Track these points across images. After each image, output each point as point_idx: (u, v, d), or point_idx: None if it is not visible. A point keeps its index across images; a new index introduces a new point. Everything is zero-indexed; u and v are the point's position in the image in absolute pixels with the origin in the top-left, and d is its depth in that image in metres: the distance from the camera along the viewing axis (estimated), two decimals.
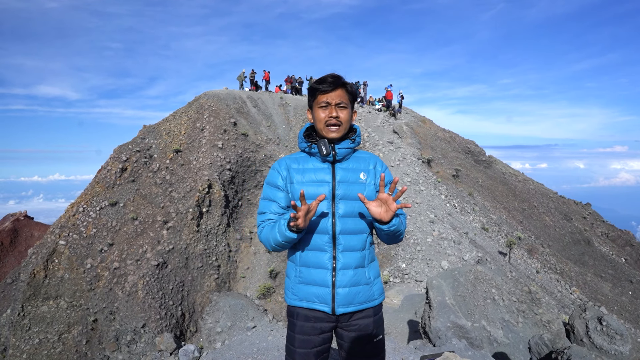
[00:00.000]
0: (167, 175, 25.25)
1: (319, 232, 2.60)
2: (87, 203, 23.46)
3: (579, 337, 7.34)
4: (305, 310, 2.66)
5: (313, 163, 2.69)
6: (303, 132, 2.77)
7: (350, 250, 2.62)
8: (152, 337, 18.40)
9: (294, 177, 2.67)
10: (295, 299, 2.70)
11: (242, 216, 25.99)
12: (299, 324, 2.68)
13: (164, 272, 20.89)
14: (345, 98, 2.61)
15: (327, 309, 2.61)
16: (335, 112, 2.58)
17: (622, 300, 26.56)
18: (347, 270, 2.61)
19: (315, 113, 2.65)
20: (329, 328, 2.68)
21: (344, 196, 2.61)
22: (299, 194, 2.48)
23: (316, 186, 2.62)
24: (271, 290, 22.36)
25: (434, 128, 38.35)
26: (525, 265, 23.88)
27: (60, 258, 21.11)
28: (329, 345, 2.76)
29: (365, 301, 2.67)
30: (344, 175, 2.64)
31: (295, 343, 2.68)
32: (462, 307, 7.80)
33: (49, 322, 19.19)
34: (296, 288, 2.69)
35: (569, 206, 37.49)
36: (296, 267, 2.70)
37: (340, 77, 2.63)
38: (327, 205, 2.60)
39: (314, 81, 2.68)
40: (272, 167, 2.78)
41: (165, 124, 28.97)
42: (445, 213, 22.10)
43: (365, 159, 2.74)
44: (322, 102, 2.60)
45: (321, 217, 2.60)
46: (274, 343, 8.01)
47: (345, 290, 2.60)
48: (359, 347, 2.70)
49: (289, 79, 37.24)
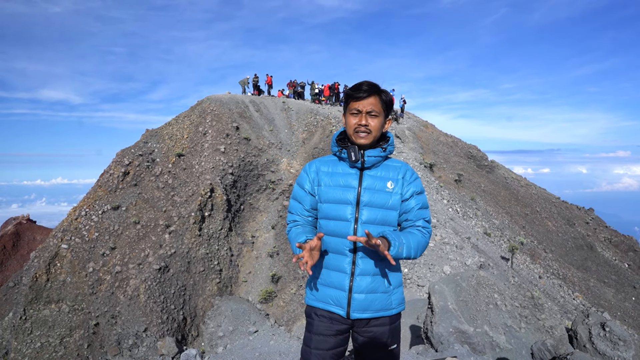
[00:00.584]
0: (169, 179, 25.29)
1: (341, 236, 2.62)
2: (89, 207, 23.51)
3: (582, 343, 7.30)
4: (322, 311, 2.69)
5: (342, 167, 2.72)
6: (336, 136, 2.81)
7: (370, 257, 2.63)
8: (154, 341, 18.38)
9: (322, 179, 2.72)
10: (313, 300, 2.73)
11: (244, 220, 25.99)
12: (316, 324, 2.70)
13: (166, 276, 20.89)
14: (377, 106, 2.62)
15: (342, 312, 2.63)
16: (365, 120, 2.60)
17: (625, 306, 26.44)
18: (365, 277, 2.62)
19: (347, 119, 2.68)
20: (345, 330, 2.69)
21: (369, 203, 2.62)
22: (325, 198, 2.66)
23: (342, 190, 2.65)
24: (273, 294, 22.33)
25: (436, 133, 38.37)
26: (527, 271, 23.81)
27: (62, 262, 21.15)
28: (345, 349, 2.76)
29: (381, 309, 2.66)
30: (370, 183, 2.66)
31: (312, 344, 2.69)
32: (465, 312, 7.77)
33: (51, 326, 19.19)
34: (315, 289, 2.73)
35: (571, 211, 37.39)
36: (317, 269, 2.73)
37: (375, 85, 2.64)
38: (351, 210, 2.62)
39: (350, 87, 2.69)
40: (304, 168, 2.84)
41: (168, 128, 29.04)
42: (448, 218, 22.07)
43: (396, 167, 2.74)
44: (354, 109, 2.63)
45: (344, 222, 2.62)
46: (276, 347, 7.99)
47: (361, 296, 2.61)
48: (373, 354, 2.71)
49: (291, 83, 37.31)
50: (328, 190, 2.67)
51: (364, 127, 2.60)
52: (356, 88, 2.62)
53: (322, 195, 2.68)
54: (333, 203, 2.64)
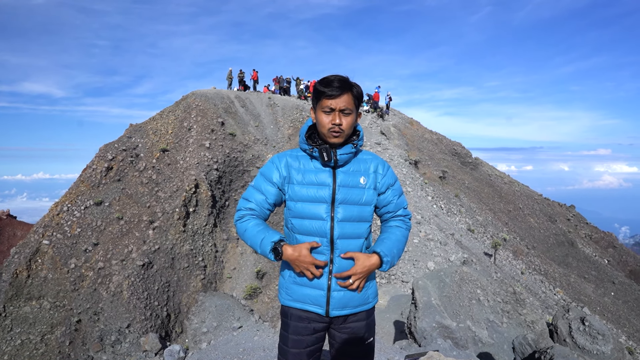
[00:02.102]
0: (153, 174, 25.06)
1: (317, 235, 2.55)
2: (71, 202, 23.18)
3: (562, 337, 7.43)
4: (299, 311, 2.64)
5: (314, 164, 2.62)
6: (305, 131, 2.69)
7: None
8: (137, 337, 18.24)
9: (294, 177, 2.61)
10: (289, 300, 2.66)
11: (229, 216, 25.88)
12: (293, 324, 2.65)
13: (150, 272, 20.72)
14: (350, 104, 2.50)
15: (321, 311, 2.59)
16: (339, 119, 2.48)
17: (604, 301, 26.96)
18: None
19: (318, 116, 2.54)
20: (322, 328, 2.67)
21: (344, 200, 2.56)
22: (299, 196, 2.58)
23: (316, 189, 2.57)
24: (258, 290, 22.29)
25: (422, 130, 38.58)
26: (510, 266, 24.12)
27: (43, 258, 20.84)
28: (322, 345, 2.75)
29: (360, 304, 2.64)
30: (344, 179, 2.59)
31: (289, 343, 2.66)
32: (448, 307, 7.85)
33: (32, 323, 18.92)
34: (290, 288, 2.65)
35: (553, 208, 37.96)
36: (291, 268, 2.64)
37: (346, 80, 2.51)
38: (326, 208, 2.55)
39: (319, 82, 2.54)
40: (272, 159, 2.71)
41: (152, 123, 28.74)
42: (432, 214, 22.23)
43: (366, 160, 2.69)
44: (326, 107, 2.49)
45: (320, 221, 2.55)
46: (260, 343, 7.99)
47: (340, 294, 2.57)
48: (350, 348, 2.69)
49: (277, 79, 37.17)
50: (301, 189, 2.58)
51: (338, 126, 2.49)
52: (328, 84, 2.47)
53: (295, 193, 2.59)
54: (307, 202, 2.56)
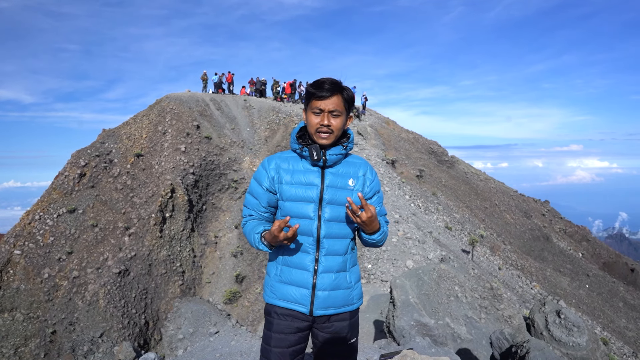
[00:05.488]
0: (128, 180, 24.61)
1: (303, 234, 2.60)
2: (43, 210, 22.59)
3: (539, 331, 7.51)
4: (283, 310, 2.66)
5: (303, 165, 2.67)
6: (296, 132, 2.74)
7: (333, 254, 2.64)
8: (111, 346, 17.85)
9: (283, 177, 2.66)
10: (273, 298, 2.69)
11: (206, 220, 25.59)
12: (276, 322, 2.67)
13: (126, 279, 20.33)
14: (340, 106, 2.56)
15: (305, 310, 2.62)
16: (327, 119, 2.55)
17: (579, 294, 27.51)
18: (328, 274, 2.63)
19: (308, 117, 2.61)
20: (306, 327, 2.69)
21: (331, 201, 2.60)
22: (287, 195, 2.61)
23: (304, 188, 2.61)
24: (237, 294, 22.08)
25: (398, 129, 38.84)
26: (487, 263, 24.41)
27: (15, 268, 20.25)
28: (305, 345, 2.76)
29: (344, 305, 2.69)
30: (332, 180, 2.63)
31: (272, 342, 2.67)
32: (426, 305, 7.86)
33: (4, 336, 18.35)
34: (275, 287, 2.68)
35: (528, 204, 38.63)
36: (277, 266, 2.70)
37: (337, 83, 2.57)
38: (313, 208, 2.60)
39: (311, 84, 2.62)
40: (262, 163, 2.77)
41: (126, 128, 28.23)
42: (410, 213, 22.35)
43: (356, 164, 2.74)
44: (316, 108, 2.56)
45: (307, 220, 2.59)
46: (237, 348, 7.87)
47: (325, 294, 2.62)
48: (333, 348, 2.73)
49: (253, 81, 36.94)
50: (290, 188, 2.62)
51: (326, 127, 2.56)
52: (318, 86, 2.55)
53: (284, 193, 2.63)
54: (295, 201, 2.61)
